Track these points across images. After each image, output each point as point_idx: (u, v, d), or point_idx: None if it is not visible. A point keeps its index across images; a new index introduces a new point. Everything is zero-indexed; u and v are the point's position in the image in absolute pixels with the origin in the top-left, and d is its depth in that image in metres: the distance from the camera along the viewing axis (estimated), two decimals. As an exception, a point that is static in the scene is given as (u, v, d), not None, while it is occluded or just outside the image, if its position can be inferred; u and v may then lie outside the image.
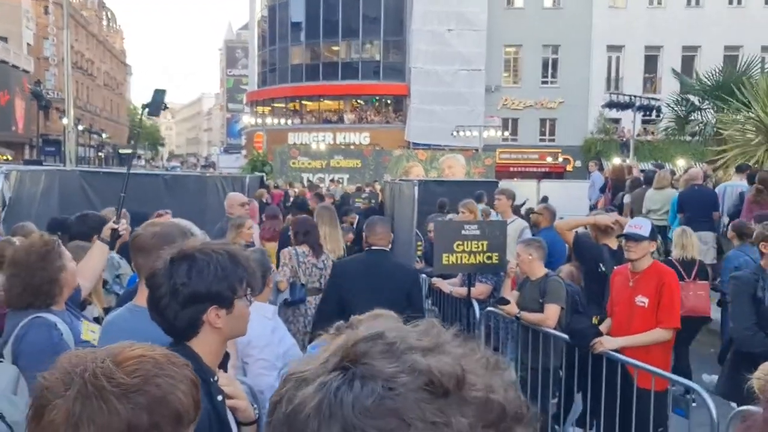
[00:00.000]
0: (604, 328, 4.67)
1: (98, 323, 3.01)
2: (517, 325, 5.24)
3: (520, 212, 9.71)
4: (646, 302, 4.30)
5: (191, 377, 1.20)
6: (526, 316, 5.04)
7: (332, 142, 35.05)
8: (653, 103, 21.85)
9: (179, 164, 76.67)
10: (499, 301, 5.33)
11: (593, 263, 5.37)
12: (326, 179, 24.36)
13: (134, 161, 5.47)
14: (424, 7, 33.26)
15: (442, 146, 30.59)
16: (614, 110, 23.96)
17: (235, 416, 1.87)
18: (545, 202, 11.65)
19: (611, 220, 5.53)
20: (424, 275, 6.95)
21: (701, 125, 15.40)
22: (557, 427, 5.09)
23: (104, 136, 58.39)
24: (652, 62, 34.00)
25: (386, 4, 36.66)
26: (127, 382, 1.09)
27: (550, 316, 4.90)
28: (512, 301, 5.18)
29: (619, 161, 17.64)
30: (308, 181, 23.40)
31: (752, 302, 4.42)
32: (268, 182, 17.44)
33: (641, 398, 4.22)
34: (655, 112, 21.37)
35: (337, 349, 0.69)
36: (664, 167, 12.51)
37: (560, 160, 33.43)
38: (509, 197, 7.85)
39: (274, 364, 3.13)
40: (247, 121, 42.39)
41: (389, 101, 38.11)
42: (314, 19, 38.10)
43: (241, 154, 48.13)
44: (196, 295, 1.76)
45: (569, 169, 32.85)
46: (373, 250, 4.51)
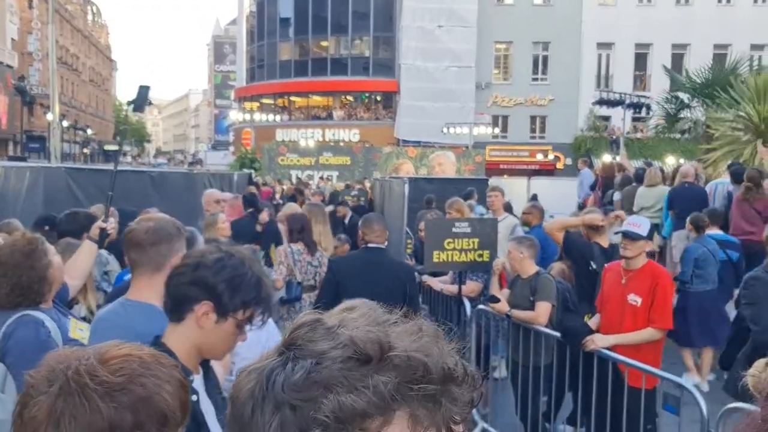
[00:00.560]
0: (592, 323, 4.68)
1: (87, 323, 2.96)
2: (508, 323, 5.23)
3: (511, 210, 9.70)
4: (639, 301, 4.30)
5: (179, 378, 1.18)
6: (517, 313, 5.03)
7: (321, 138, 34.94)
8: (643, 100, 21.97)
9: (166, 161, 76.20)
10: (490, 299, 5.32)
11: (584, 261, 5.38)
12: (315, 176, 24.26)
13: (120, 158, 5.40)
14: (414, 3, 33.18)
15: (432, 143, 30.51)
16: (604, 108, 24.10)
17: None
18: (534, 200, 11.67)
19: (600, 218, 5.53)
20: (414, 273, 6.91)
21: (691, 123, 15.49)
22: (548, 424, 5.10)
23: (89, 132, 57.92)
24: (641, 60, 34.14)
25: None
26: (110, 380, 1.08)
27: (541, 313, 4.90)
28: (503, 299, 5.18)
29: (609, 158, 17.70)
30: (297, 178, 23.32)
31: None
32: (256, 179, 17.36)
33: (631, 396, 4.23)
34: (645, 109, 21.49)
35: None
36: (652, 165, 12.55)
37: (550, 157, 33.50)
38: (503, 194, 7.88)
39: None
40: (234, 117, 42.21)
41: (379, 98, 38.03)
42: (303, 14, 37.95)
43: (229, 150, 47.85)
44: (206, 281, 1.77)
45: (559, 166, 32.96)
46: (370, 247, 4.48)
